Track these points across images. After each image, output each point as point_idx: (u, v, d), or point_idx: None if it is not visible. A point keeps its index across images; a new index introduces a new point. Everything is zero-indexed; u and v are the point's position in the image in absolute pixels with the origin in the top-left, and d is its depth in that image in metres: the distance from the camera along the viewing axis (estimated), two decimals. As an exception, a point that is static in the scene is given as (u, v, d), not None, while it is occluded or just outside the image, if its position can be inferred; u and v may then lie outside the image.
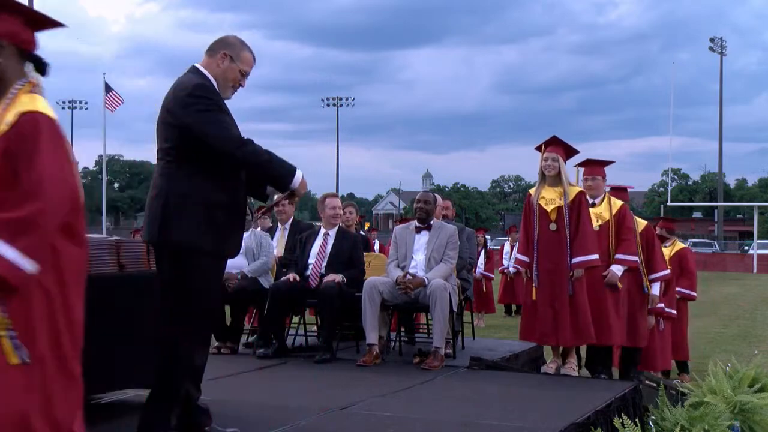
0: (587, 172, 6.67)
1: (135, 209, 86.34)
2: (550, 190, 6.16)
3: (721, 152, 57.05)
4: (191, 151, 3.69)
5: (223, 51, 3.85)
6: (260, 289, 7.15)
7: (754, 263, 38.45)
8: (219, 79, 3.82)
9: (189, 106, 3.67)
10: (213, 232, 3.70)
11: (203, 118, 3.66)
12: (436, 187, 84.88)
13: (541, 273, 6.10)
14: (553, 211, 6.09)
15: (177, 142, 3.71)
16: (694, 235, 57.61)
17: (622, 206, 6.58)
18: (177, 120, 3.70)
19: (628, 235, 6.46)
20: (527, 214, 6.26)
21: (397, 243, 6.89)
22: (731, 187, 78.98)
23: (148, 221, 3.78)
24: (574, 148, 6.29)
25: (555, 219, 6.07)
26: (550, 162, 6.15)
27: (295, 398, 5.15)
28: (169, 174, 3.73)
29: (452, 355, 6.83)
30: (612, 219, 6.46)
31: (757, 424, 5.33)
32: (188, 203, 3.68)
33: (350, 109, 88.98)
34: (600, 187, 6.66)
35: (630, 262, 6.42)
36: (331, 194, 7.42)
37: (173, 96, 3.76)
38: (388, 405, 4.97)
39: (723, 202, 57.98)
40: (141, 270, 4.60)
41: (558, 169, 6.15)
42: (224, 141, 3.67)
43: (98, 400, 4.84)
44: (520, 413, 4.81)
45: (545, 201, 6.10)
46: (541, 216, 6.14)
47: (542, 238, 6.12)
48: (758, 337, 12.25)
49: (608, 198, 6.61)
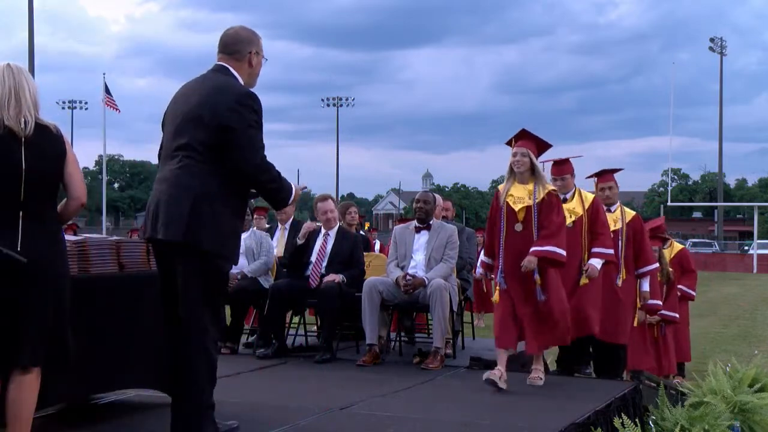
0: (555, 171, 6.37)
1: (135, 209, 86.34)
2: (520, 188, 5.68)
3: (721, 152, 57.08)
4: (220, 151, 3.68)
5: (250, 50, 3.89)
6: (260, 289, 7.15)
7: (754, 263, 38.44)
8: (250, 79, 3.90)
9: (236, 113, 3.67)
10: (233, 238, 3.80)
11: (249, 133, 3.69)
12: (436, 187, 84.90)
13: (506, 276, 5.62)
14: (522, 210, 5.60)
15: (213, 143, 3.68)
16: (694, 235, 57.66)
17: (594, 199, 6.35)
18: (218, 121, 3.66)
19: (602, 229, 6.25)
20: (493, 213, 5.79)
21: (396, 243, 6.89)
22: (731, 187, 78.97)
23: (167, 219, 3.67)
24: (546, 141, 5.85)
25: (522, 219, 5.58)
26: (519, 157, 5.65)
27: (295, 398, 5.15)
28: (197, 173, 3.68)
29: (452, 355, 6.83)
30: (585, 213, 6.24)
31: (757, 424, 5.33)
32: (218, 208, 3.67)
33: (350, 109, 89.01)
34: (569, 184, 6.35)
35: (607, 255, 6.21)
36: (322, 198, 7.30)
37: (217, 96, 3.72)
38: (388, 405, 4.97)
39: (723, 202, 57.94)
40: (141, 270, 4.60)
41: (529, 165, 5.66)
42: (256, 168, 3.72)
43: (98, 400, 4.84)
44: (520, 413, 4.82)
45: (513, 199, 5.63)
46: (509, 215, 5.64)
47: (508, 239, 5.63)
48: (758, 337, 12.25)
49: (578, 192, 6.36)
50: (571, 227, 6.18)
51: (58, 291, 3.49)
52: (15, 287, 3.36)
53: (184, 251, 3.68)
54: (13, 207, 3.39)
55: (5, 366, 3.42)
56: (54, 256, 3.48)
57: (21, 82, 3.45)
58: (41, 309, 3.42)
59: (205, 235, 3.63)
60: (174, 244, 3.68)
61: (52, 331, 3.46)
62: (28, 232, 3.39)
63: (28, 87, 3.46)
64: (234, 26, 3.99)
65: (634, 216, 6.77)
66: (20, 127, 3.39)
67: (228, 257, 3.78)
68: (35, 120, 3.44)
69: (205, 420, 3.72)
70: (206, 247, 3.65)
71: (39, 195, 3.45)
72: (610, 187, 6.63)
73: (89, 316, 4.08)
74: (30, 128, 3.41)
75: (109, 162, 74.66)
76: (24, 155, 3.39)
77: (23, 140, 3.40)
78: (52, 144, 3.48)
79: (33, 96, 3.47)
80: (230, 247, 3.79)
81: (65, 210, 3.61)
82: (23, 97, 3.43)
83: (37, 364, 3.44)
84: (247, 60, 3.88)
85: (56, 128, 3.53)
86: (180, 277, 3.71)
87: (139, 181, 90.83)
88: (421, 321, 8.28)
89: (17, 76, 3.45)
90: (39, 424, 3.88)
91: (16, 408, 3.41)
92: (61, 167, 3.50)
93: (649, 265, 6.74)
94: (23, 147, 3.40)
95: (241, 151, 3.67)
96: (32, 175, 3.40)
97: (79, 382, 4.11)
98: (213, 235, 3.66)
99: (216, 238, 3.67)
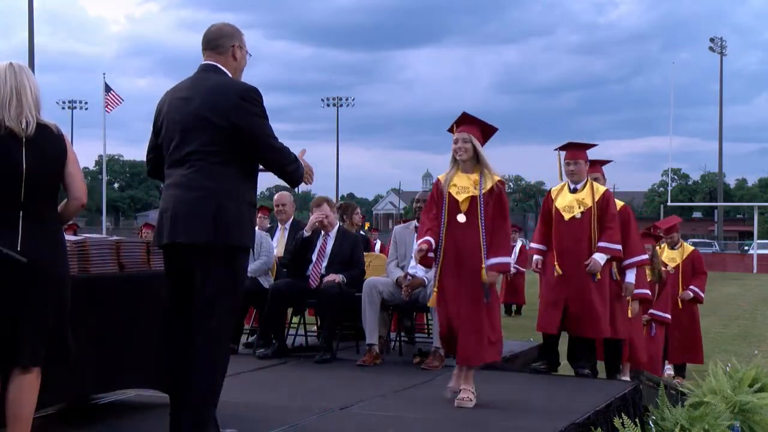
0: (568, 156, 6.37)
1: (135, 209, 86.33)
2: (463, 177, 5.16)
3: (721, 152, 57.07)
4: (235, 152, 3.71)
5: (231, 44, 3.89)
6: (260, 289, 7.15)
7: (754, 263, 38.44)
8: (237, 73, 3.91)
9: (243, 109, 3.69)
10: (252, 233, 3.85)
11: (262, 125, 3.74)
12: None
13: (443, 271, 5.10)
14: (465, 201, 5.10)
15: (225, 144, 3.70)
16: (694, 235, 57.63)
17: (606, 192, 6.30)
18: (226, 121, 3.67)
19: (611, 222, 6.16)
20: (431, 202, 5.28)
21: (396, 243, 6.89)
22: (731, 187, 78.95)
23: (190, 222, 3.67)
24: (491, 126, 5.35)
25: (466, 210, 5.10)
26: (461, 144, 5.15)
27: (295, 398, 5.15)
28: (215, 174, 3.69)
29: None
30: (595, 205, 6.18)
31: (757, 424, 5.33)
32: (239, 205, 3.73)
33: (350, 109, 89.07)
34: (582, 171, 6.34)
35: (613, 251, 6.15)
36: (317, 202, 7.26)
37: (215, 97, 3.72)
38: (388, 405, 4.97)
39: (723, 202, 57.94)
40: (141, 270, 4.60)
41: (472, 152, 5.16)
42: (281, 155, 3.80)
43: (98, 400, 4.84)
44: (520, 413, 4.82)
45: (456, 189, 5.16)
46: (451, 206, 5.13)
47: (449, 231, 5.11)
48: (758, 337, 12.26)
49: (590, 183, 6.33)
50: (579, 218, 6.16)
51: (59, 291, 3.48)
52: (15, 287, 3.36)
53: (208, 252, 3.67)
54: (14, 207, 3.39)
55: (5, 366, 3.42)
56: (54, 256, 3.47)
57: (23, 82, 3.44)
58: (41, 309, 3.42)
59: (234, 232, 3.70)
60: (197, 246, 3.67)
61: (52, 331, 3.46)
62: (28, 232, 3.39)
63: (29, 87, 3.46)
64: (216, 23, 3.99)
65: (622, 206, 6.60)
66: (21, 128, 3.38)
67: (251, 248, 3.90)
68: (36, 120, 3.44)
69: (207, 421, 3.71)
70: (236, 243, 3.72)
71: (39, 195, 3.44)
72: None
73: (89, 316, 4.08)
74: (31, 128, 3.41)
75: (109, 162, 74.64)
76: (24, 155, 3.39)
77: (24, 140, 3.40)
78: (52, 144, 3.48)
79: (35, 96, 3.47)
80: (252, 238, 3.88)
81: (65, 210, 3.61)
82: (25, 97, 3.42)
83: (37, 364, 3.44)
84: (230, 54, 3.89)
85: (57, 128, 3.53)
86: (202, 277, 3.70)
87: (139, 181, 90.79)
88: (421, 321, 8.28)
89: (19, 76, 3.45)
90: (39, 424, 3.88)
91: (16, 408, 3.41)
92: (61, 167, 3.50)
93: (636, 256, 6.53)
94: (24, 147, 3.40)
95: (259, 143, 3.74)
96: (32, 176, 3.40)
97: (79, 382, 4.12)
98: (240, 232, 3.73)
99: (243, 233, 3.75)
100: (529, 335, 9.47)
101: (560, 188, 6.47)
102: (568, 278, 6.17)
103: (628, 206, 6.77)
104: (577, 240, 6.19)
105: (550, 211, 6.45)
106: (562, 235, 6.30)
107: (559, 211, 6.32)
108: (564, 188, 6.42)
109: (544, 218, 6.57)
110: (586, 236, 6.16)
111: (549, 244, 6.45)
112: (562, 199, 6.36)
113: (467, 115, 5.25)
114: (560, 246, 6.29)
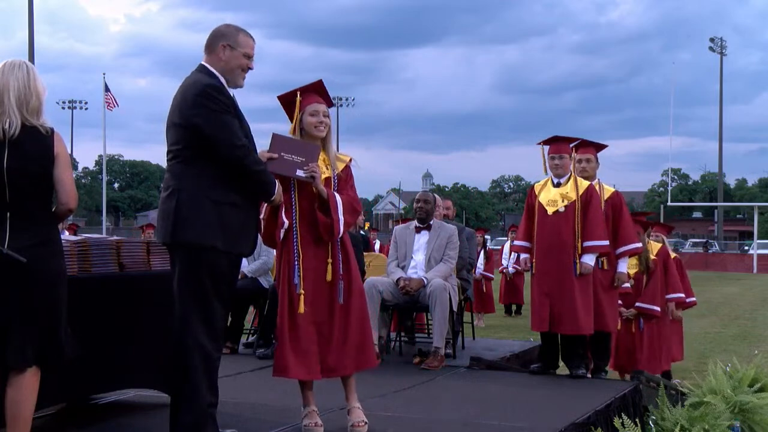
0: (552, 150, 6.23)
1: (135, 209, 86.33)
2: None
3: (721, 152, 57.09)
4: (201, 150, 3.71)
5: (221, 43, 3.88)
6: (260, 289, 7.15)
7: (754, 263, 38.44)
8: (226, 72, 3.87)
9: (199, 107, 3.70)
10: (224, 232, 3.73)
11: (213, 119, 3.70)
12: (436, 187, 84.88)
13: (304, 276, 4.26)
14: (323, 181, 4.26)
15: (187, 143, 3.73)
16: (694, 235, 57.62)
17: (589, 186, 6.21)
18: (187, 121, 3.71)
19: (595, 217, 6.08)
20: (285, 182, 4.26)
21: (397, 243, 6.89)
22: (731, 187, 78.99)
23: (160, 221, 3.80)
24: (329, 98, 4.45)
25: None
26: (322, 117, 4.35)
27: (295, 398, 5.13)
28: (179, 173, 3.75)
29: (452, 355, 6.83)
30: (578, 199, 6.11)
31: (757, 424, 5.33)
32: (199, 202, 3.70)
33: (350, 109, 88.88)
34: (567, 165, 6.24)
35: (601, 248, 6.07)
36: None
37: (182, 97, 3.77)
38: (388, 405, 4.97)
39: (723, 202, 57.95)
40: (141, 270, 4.60)
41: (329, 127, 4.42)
42: (233, 148, 3.72)
43: (98, 400, 4.84)
44: (520, 413, 4.82)
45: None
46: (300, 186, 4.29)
47: (302, 216, 4.28)
48: (758, 337, 12.25)
49: (574, 178, 6.24)
50: (563, 212, 6.11)
51: (50, 291, 3.46)
52: (3, 287, 3.36)
53: (171, 249, 3.82)
54: (0, 207, 3.40)
55: (1, 367, 3.42)
56: (45, 255, 3.45)
57: (7, 83, 3.43)
58: (27, 309, 3.40)
59: (189, 229, 3.69)
60: (168, 245, 3.83)
61: (44, 331, 3.44)
62: (15, 232, 3.38)
63: (16, 87, 3.43)
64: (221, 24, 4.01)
65: (612, 192, 6.49)
66: (4, 128, 3.38)
67: (222, 250, 3.73)
68: (22, 120, 3.42)
69: (203, 418, 3.71)
70: (193, 240, 3.68)
71: (25, 194, 3.43)
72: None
73: (89, 316, 4.08)
74: (15, 129, 3.39)
75: (109, 162, 74.68)
76: (6, 155, 3.38)
77: (6, 141, 3.38)
78: (36, 143, 3.44)
79: (22, 96, 3.43)
80: (219, 238, 3.71)
81: (54, 213, 3.59)
82: (7, 98, 3.41)
83: (25, 365, 3.42)
84: (218, 52, 3.87)
85: (47, 129, 3.48)
86: (172, 273, 3.81)
87: (139, 181, 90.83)
88: (421, 321, 8.28)
89: (6, 76, 3.44)
90: (39, 424, 3.89)
91: (16, 408, 3.41)
92: (46, 167, 3.45)
93: (629, 244, 6.34)
94: (6, 148, 3.39)
95: (215, 137, 3.69)
96: (13, 175, 3.39)
97: (79, 382, 4.11)
98: (197, 228, 3.68)
99: (201, 230, 3.68)
100: (529, 335, 9.48)
101: (543, 183, 6.37)
102: (550, 274, 6.11)
103: (618, 192, 6.59)
104: (560, 234, 6.08)
105: (533, 206, 6.34)
106: (544, 230, 6.19)
107: (543, 205, 6.22)
108: (547, 183, 6.32)
109: (527, 214, 6.44)
110: (570, 230, 6.06)
111: (533, 240, 6.34)
112: (546, 194, 6.27)
113: (321, 84, 4.41)
114: (542, 241, 6.19)
